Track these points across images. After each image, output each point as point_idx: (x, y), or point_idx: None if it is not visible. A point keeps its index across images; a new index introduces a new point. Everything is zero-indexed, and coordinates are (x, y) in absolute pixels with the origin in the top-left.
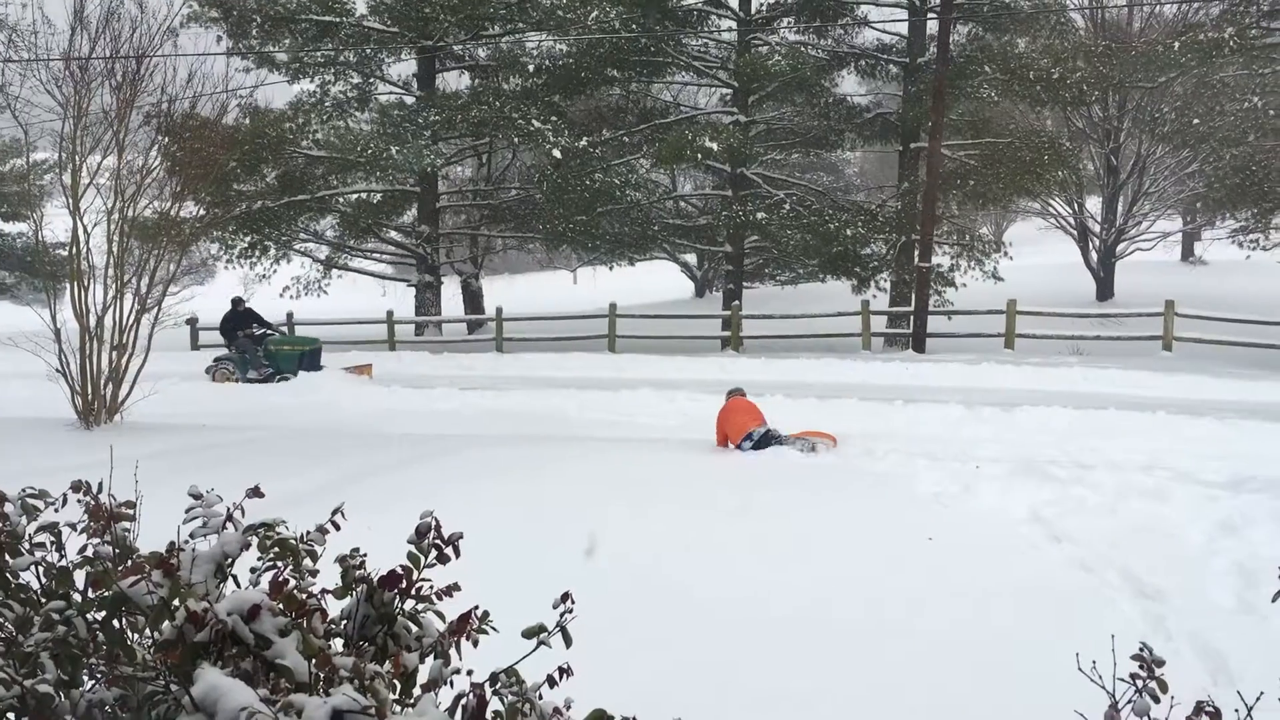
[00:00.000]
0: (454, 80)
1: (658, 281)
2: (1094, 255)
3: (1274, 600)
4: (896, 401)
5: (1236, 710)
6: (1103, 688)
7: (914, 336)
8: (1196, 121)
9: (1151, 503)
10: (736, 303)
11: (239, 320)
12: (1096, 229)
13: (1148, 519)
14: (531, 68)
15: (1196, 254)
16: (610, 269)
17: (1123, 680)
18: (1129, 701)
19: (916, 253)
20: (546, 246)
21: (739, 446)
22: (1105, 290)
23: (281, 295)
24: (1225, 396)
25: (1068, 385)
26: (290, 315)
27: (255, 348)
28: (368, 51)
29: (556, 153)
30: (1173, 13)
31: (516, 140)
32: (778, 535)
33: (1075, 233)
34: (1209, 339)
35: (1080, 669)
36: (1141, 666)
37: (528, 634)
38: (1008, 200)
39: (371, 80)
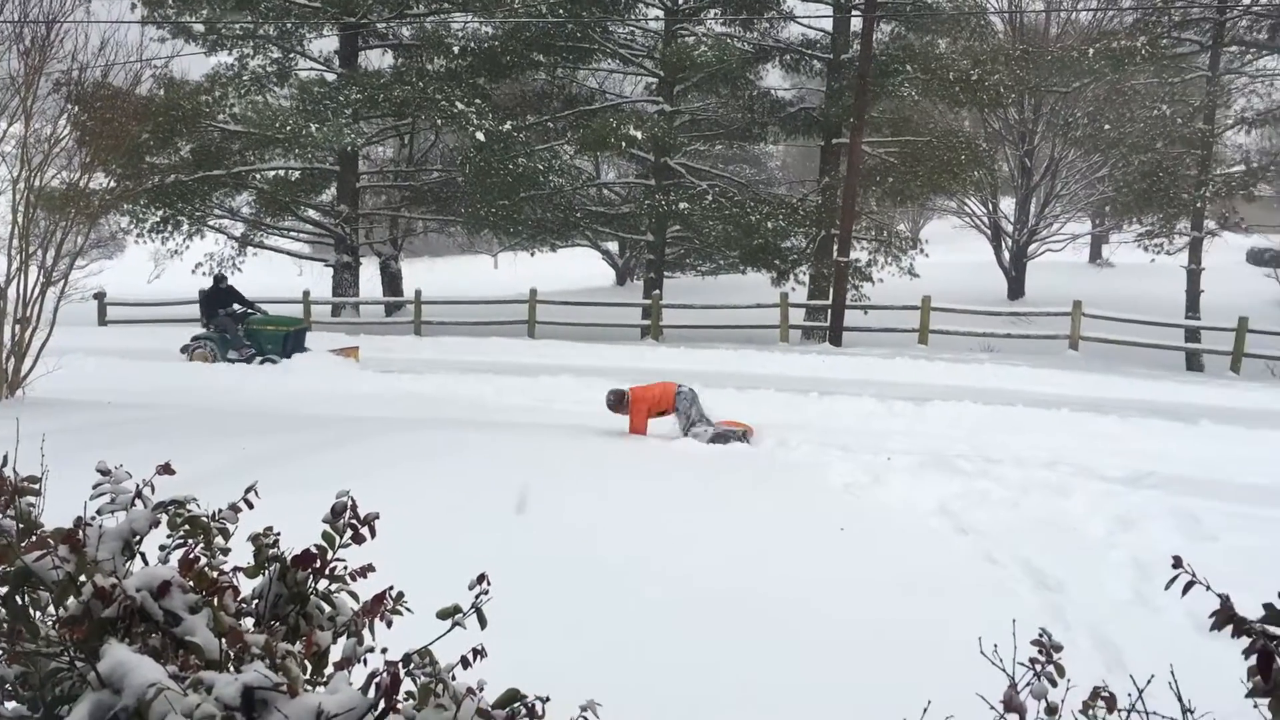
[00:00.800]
0: (377, 59)
1: (579, 268)
2: (1006, 255)
3: (1166, 588)
4: (812, 393)
5: (1129, 694)
6: (1002, 670)
7: (831, 330)
8: (1108, 127)
9: (1054, 497)
10: (657, 292)
11: (220, 298)
12: (1009, 229)
13: (1050, 513)
14: (456, 49)
15: (1104, 256)
16: (532, 255)
17: (1022, 664)
18: (1028, 684)
19: (835, 247)
20: (468, 230)
21: (664, 413)
22: (1016, 289)
23: (194, 272)
24: (1127, 395)
25: (978, 381)
26: (202, 293)
27: (236, 327)
28: (288, 26)
29: (480, 135)
30: (1088, 20)
31: (439, 122)
32: (694, 522)
33: (989, 232)
34: (1113, 339)
35: (982, 652)
36: (1040, 651)
37: (443, 615)
38: (925, 198)
39: (292, 55)
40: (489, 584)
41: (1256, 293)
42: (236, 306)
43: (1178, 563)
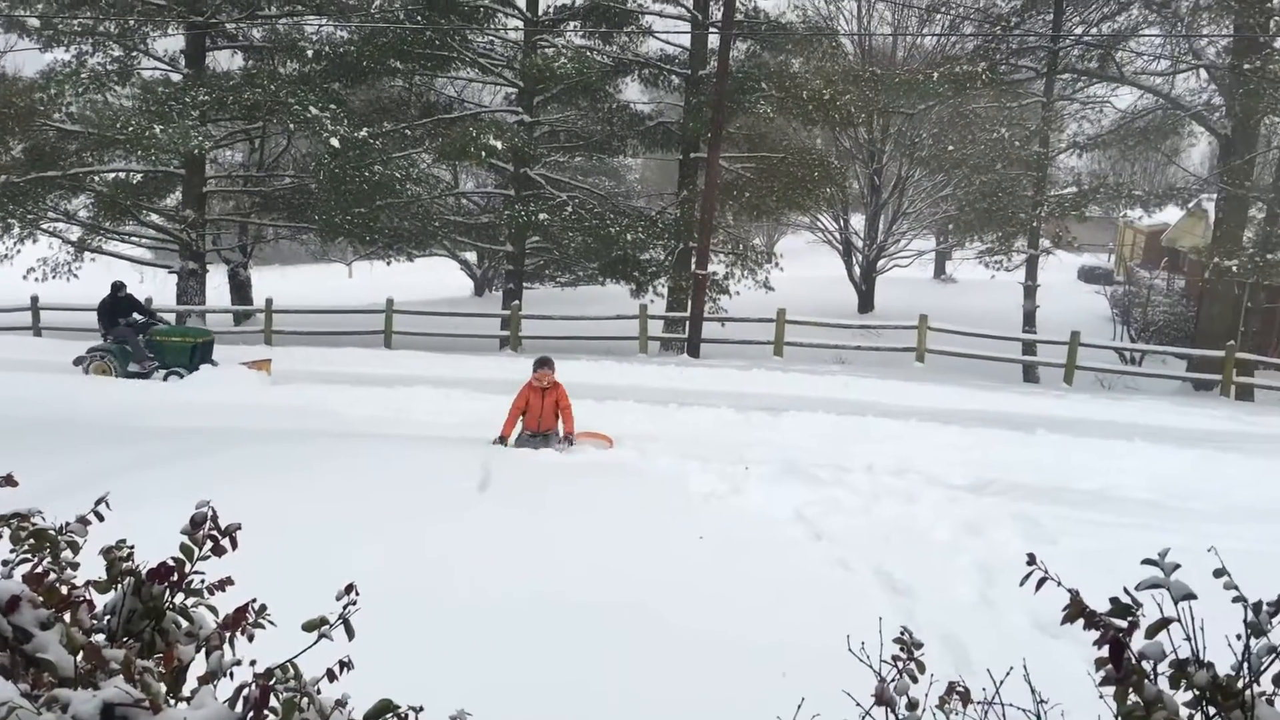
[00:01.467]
0: (226, 60)
1: (437, 279)
2: (857, 270)
3: (1021, 584)
4: (671, 404)
5: (984, 689)
6: (870, 667)
7: (689, 341)
8: (951, 148)
9: (903, 504)
10: (516, 302)
11: (118, 307)
12: (860, 245)
13: (900, 519)
14: (310, 53)
15: (948, 272)
16: (388, 264)
17: (887, 663)
18: (893, 681)
19: (694, 260)
20: (321, 238)
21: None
22: (866, 303)
23: (25, 277)
24: (969, 406)
25: (831, 392)
26: (35, 299)
27: (137, 338)
28: (131, 23)
29: (335, 142)
30: (932, 45)
31: (292, 127)
32: (553, 533)
33: (841, 247)
34: (957, 352)
35: (851, 650)
36: (902, 649)
37: (308, 627)
38: (780, 213)
39: (134, 54)
40: (357, 594)
41: (1087, 308)
42: (136, 316)
43: (1031, 559)
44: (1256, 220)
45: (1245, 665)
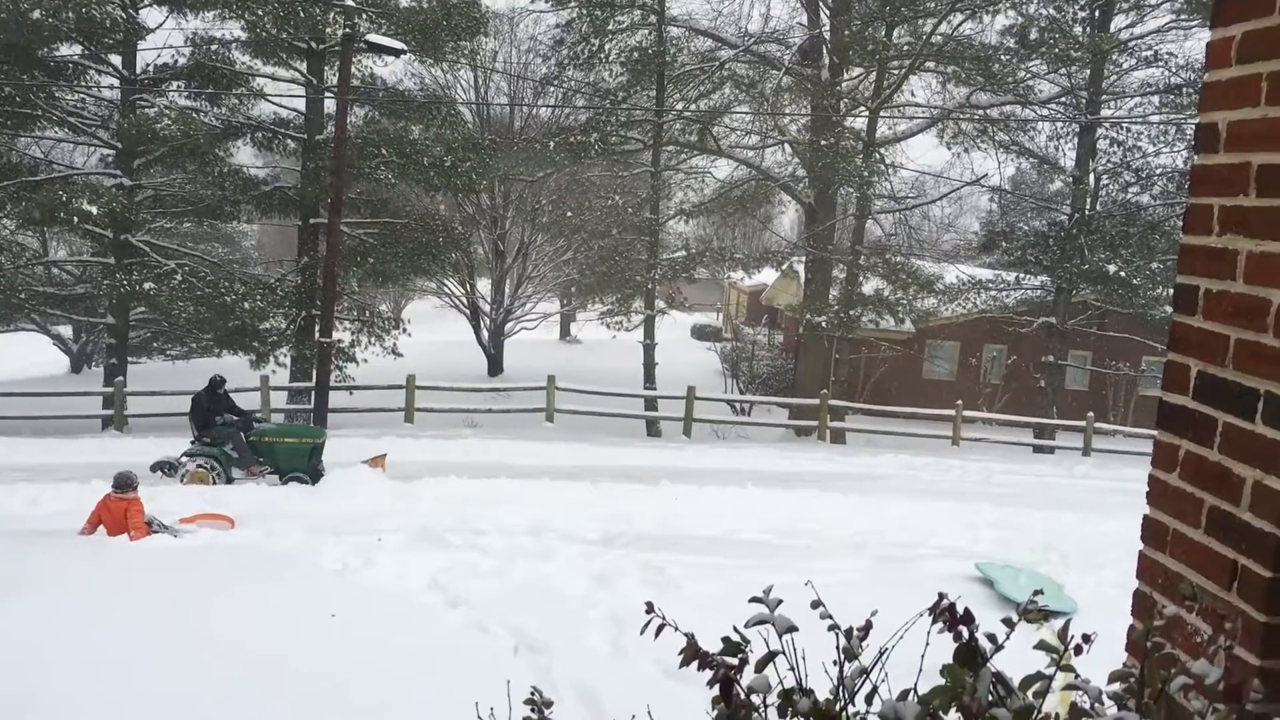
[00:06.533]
0: None
1: (25, 355)
2: (485, 333)
3: (641, 633)
4: None
5: None
6: None
7: (316, 412)
8: (570, 214)
9: (538, 563)
10: (120, 379)
11: (216, 404)
12: (487, 308)
13: (535, 578)
14: None
15: (572, 333)
16: None
17: None
18: None
19: (318, 328)
20: None
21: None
22: (496, 366)
23: None
24: (598, 462)
25: (464, 456)
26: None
27: (241, 439)
28: None
29: None
30: (548, 115)
31: None
32: (168, 629)
33: (468, 312)
34: (584, 410)
35: (480, 717)
36: (533, 709)
37: None
38: (406, 279)
39: None
40: None
41: (701, 364)
42: (230, 416)
43: (650, 608)
44: (839, 280)
45: (841, 688)
